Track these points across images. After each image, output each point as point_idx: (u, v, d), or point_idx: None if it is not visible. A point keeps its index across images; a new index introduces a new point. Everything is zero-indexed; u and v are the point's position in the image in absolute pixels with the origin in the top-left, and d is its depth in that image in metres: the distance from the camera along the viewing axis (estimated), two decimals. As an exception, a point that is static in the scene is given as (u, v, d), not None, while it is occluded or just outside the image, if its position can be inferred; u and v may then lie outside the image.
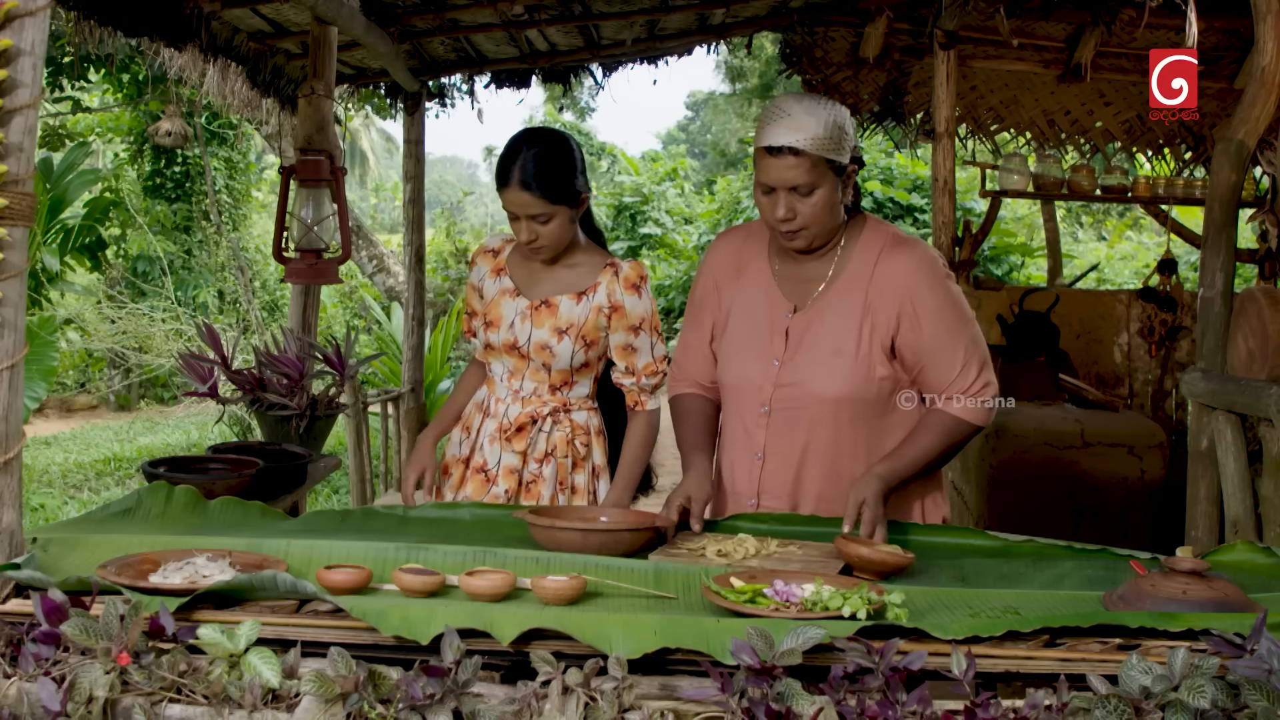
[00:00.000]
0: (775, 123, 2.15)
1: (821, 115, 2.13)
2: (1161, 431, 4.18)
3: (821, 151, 2.13)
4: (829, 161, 2.14)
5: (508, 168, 2.58)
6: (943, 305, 2.24)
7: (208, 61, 4.51)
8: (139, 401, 12.02)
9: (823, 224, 2.20)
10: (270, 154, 14.66)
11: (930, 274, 2.25)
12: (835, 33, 5.58)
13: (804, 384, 2.27)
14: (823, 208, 2.18)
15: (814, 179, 2.14)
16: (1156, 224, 8.12)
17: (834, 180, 2.17)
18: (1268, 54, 2.97)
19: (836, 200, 2.20)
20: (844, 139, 2.16)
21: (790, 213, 2.17)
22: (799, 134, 2.12)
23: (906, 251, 2.26)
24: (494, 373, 2.77)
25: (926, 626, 1.54)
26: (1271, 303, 2.97)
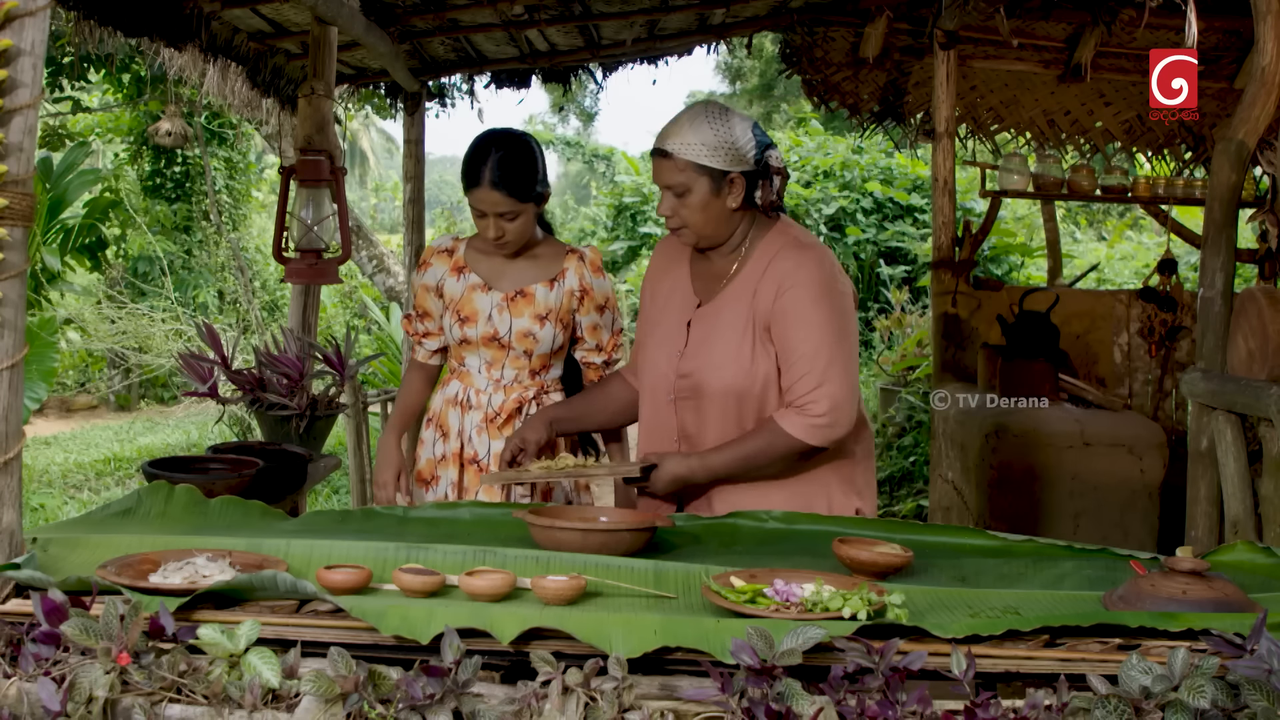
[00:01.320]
0: (665, 129, 2.35)
1: (705, 126, 2.30)
2: (1161, 431, 4.17)
3: (693, 158, 2.29)
4: (703, 167, 2.29)
5: (478, 168, 2.70)
6: (808, 313, 2.31)
7: (208, 61, 4.51)
8: (139, 401, 12.01)
9: (698, 225, 2.36)
10: (270, 154, 14.65)
11: (810, 280, 2.32)
12: (835, 33, 5.58)
13: (697, 374, 2.40)
14: (697, 209, 2.33)
15: (686, 182, 2.31)
16: (1156, 224, 8.12)
17: (710, 185, 2.31)
18: (1268, 54, 2.97)
19: (715, 204, 2.33)
20: (730, 149, 2.30)
21: (669, 211, 2.36)
22: (674, 140, 2.31)
23: (798, 255, 2.36)
24: (469, 366, 2.88)
25: (926, 626, 1.54)
26: (1271, 303, 2.97)
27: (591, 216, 18.18)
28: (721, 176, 2.31)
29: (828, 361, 2.29)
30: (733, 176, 2.31)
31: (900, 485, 6.90)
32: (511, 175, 2.68)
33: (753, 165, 2.33)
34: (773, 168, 2.36)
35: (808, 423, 2.29)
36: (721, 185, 2.32)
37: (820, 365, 2.29)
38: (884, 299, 11.98)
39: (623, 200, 16.74)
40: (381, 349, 9.53)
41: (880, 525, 2.30)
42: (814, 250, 2.38)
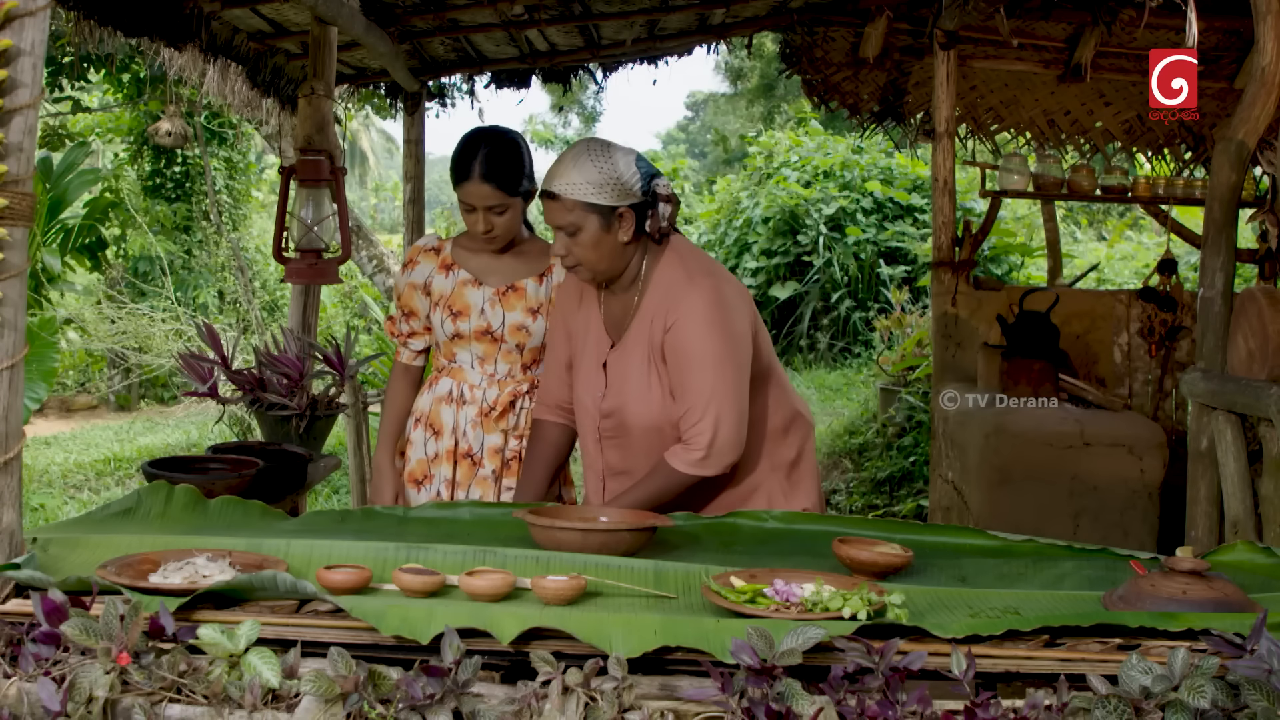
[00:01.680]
0: (550, 171, 2.38)
1: (589, 165, 2.33)
2: (1161, 432, 4.17)
3: (580, 196, 2.32)
4: (591, 205, 2.32)
5: (467, 163, 2.73)
6: (692, 347, 2.33)
7: (208, 61, 4.51)
8: (139, 401, 12.01)
9: (593, 261, 2.38)
10: (270, 154, 14.65)
11: (694, 313, 2.34)
12: (835, 33, 5.58)
13: (618, 414, 2.45)
14: (590, 247, 2.36)
15: (576, 221, 2.34)
16: (1156, 224, 8.11)
17: (599, 222, 2.34)
18: (1268, 54, 2.97)
19: (607, 240, 2.36)
20: (615, 184, 2.33)
21: (563, 250, 2.38)
22: (559, 181, 2.34)
23: (686, 288, 2.37)
24: (460, 362, 2.91)
25: (926, 626, 1.54)
26: (1271, 303, 2.97)
27: (591, 216, 18.16)
28: (610, 212, 2.33)
29: (710, 394, 2.31)
30: (621, 211, 2.34)
31: (900, 485, 6.91)
32: (500, 169, 2.73)
33: (640, 197, 2.36)
34: (660, 196, 2.39)
35: (693, 457, 2.33)
36: (611, 220, 2.34)
37: (703, 399, 2.31)
38: (884, 299, 11.98)
39: (623, 200, 16.74)
40: (381, 349, 9.53)
41: (880, 525, 2.30)
42: (702, 280, 2.39)
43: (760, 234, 13.35)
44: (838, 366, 12.20)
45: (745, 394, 2.37)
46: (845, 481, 7.35)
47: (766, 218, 13.32)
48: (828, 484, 7.40)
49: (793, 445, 2.56)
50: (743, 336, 2.38)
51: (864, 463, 7.53)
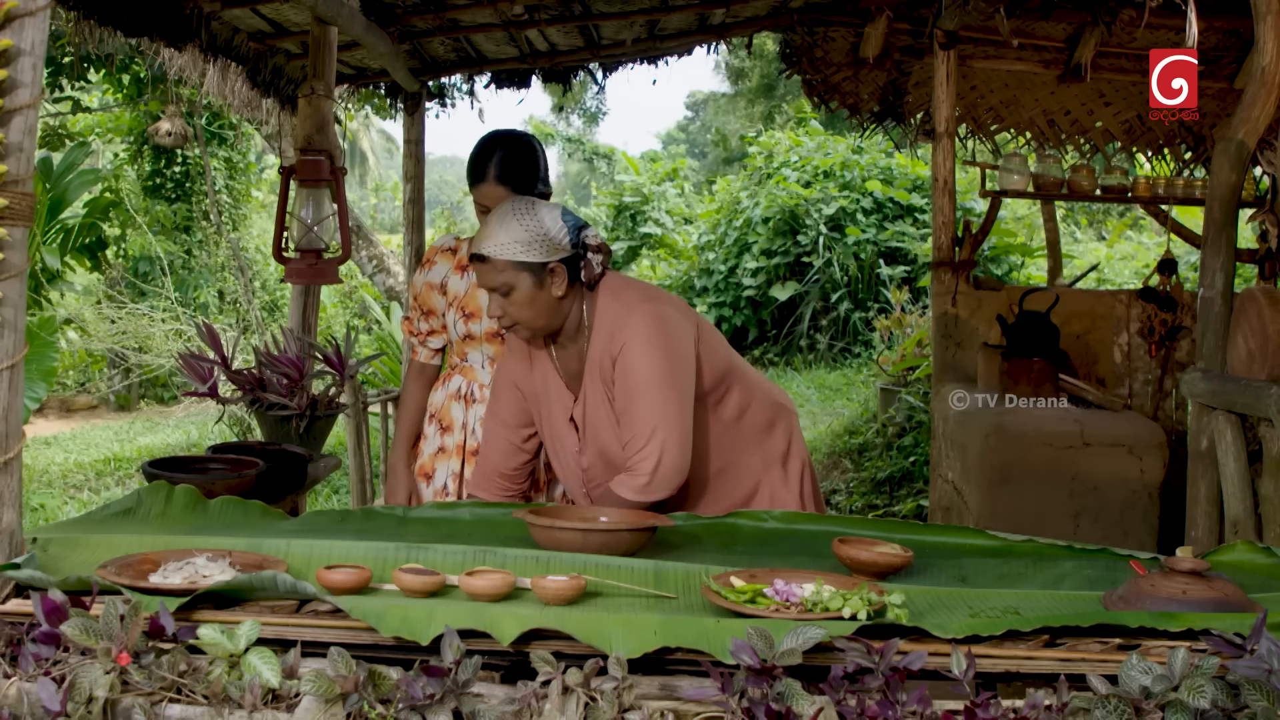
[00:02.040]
0: (478, 235, 2.39)
1: (515, 224, 2.33)
2: (1161, 431, 4.17)
3: (510, 256, 2.32)
4: (521, 264, 2.32)
5: (484, 165, 2.77)
6: (634, 374, 2.34)
7: (208, 61, 4.51)
8: (139, 401, 12.01)
9: (530, 319, 2.38)
10: (270, 154, 14.65)
11: (640, 338, 2.35)
12: (835, 33, 5.58)
13: (600, 461, 2.46)
14: (524, 305, 2.36)
15: (508, 280, 2.34)
16: (1156, 224, 8.11)
17: (531, 279, 2.34)
18: (1268, 54, 2.97)
19: (541, 296, 2.36)
20: (543, 241, 2.33)
21: (499, 311, 2.38)
22: (488, 244, 2.33)
23: (628, 317, 2.39)
24: (471, 362, 2.96)
25: (926, 626, 1.54)
26: (1271, 303, 2.97)
27: (591, 217, 18.18)
28: (541, 268, 2.34)
29: (655, 420, 2.32)
30: (552, 266, 2.35)
31: (900, 485, 6.91)
32: (515, 171, 2.75)
33: (570, 250, 2.37)
34: (590, 246, 2.40)
35: (637, 484, 2.33)
36: (543, 276, 2.35)
37: (648, 425, 2.32)
38: (884, 299, 11.99)
39: (623, 200, 16.75)
40: (382, 349, 9.54)
41: (880, 525, 2.30)
42: (641, 306, 2.40)
43: (760, 234, 13.35)
44: (838, 366, 12.20)
45: (689, 416, 2.38)
46: (845, 481, 7.35)
47: (766, 218, 13.33)
48: (827, 484, 7.40)
49: (781, 437, 2.58)
50: (685, 357, 2.39)
51: (864, 463, 7.53)
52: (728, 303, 13.51)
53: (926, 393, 7.00)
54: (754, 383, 2.60)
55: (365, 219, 17.38)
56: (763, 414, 2.56)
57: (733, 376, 2.53)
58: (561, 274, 2.36)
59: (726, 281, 13.60)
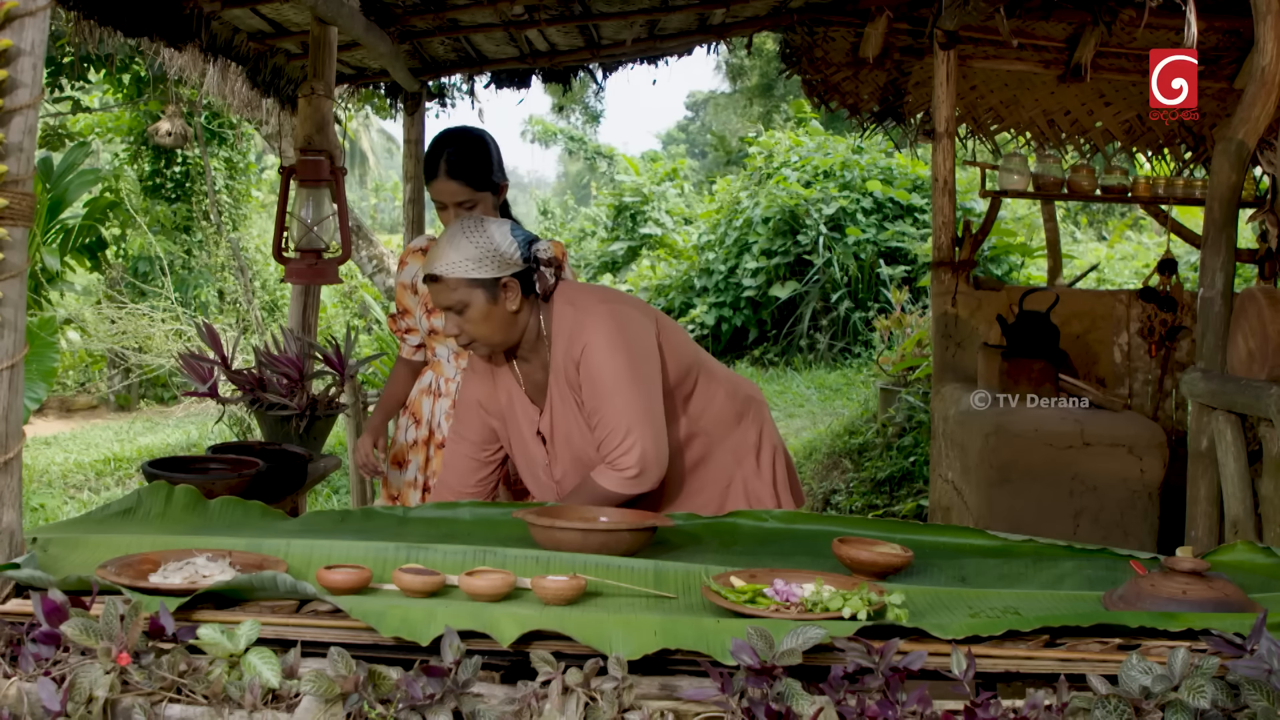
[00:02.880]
0: (429, 256, 2.39)
1: (464, 242, 2.34)
2: (1161, 432, 4.17)
3: (461, 274, 2.33)
4: (473, 280, 2.33)
5: (435, 162, 2.87)
6: (602, 371, 2.34)
7: (208, 61, 4.51)
8: (139, 401, 12.01)
9: (487, 335, 2.38)
10: (270, 154, 14.65)
11: (596, 339, 2.36)
12: (835, 33, 5.58)
13: (572, 470, 2.45)
14: (480, 321, 2.36)
15: (462, 298, 2.34)
16: (1156, 224, 8.11)
17: (484, 295, 2.34)
18: (1268, 54, 2.97)
19: (495, 313, 2.36)
20: (494, 257, 2.34)
21: (455, 329, 2.39)
22: (440, 263, 2.34)
23: (585, 320, 2.39)
24: (439, 356, 3.06)
25: (926, 627, 1.54)
26: (1271, 303, 2.97)
27: (591, 216, 18.18)
28: (494, 284, 2.34)
29: (629, 414, 2.32)
30: (505, 281, 2.35)
31: (900, 485, 6.90)
32: (465, 165, 2.85)
33: (522, 264, 2.38)
34: (541, 260, 2.41)
35: (620, 477, 2.33)
36: (496, 292, 2.35)
37: (624, 421, 2.32)
38: (884, 299, 11.98)
39: (623, 200, 16.75)
40: (382, 349, 9.53)
41: (880, 525, 2.30)
42: (597, 308, 2.40)
43: (760, 234, 13.35)
44: (838, 366, 12.20)
45: (661, 411, 2.38)
46: (845, 481, 7.35)
47: (766, 218, 13.33)
48: (827, 484, 7.40)
49: (751, 428, 2.59)
50: (648, 353, 2.40)
51: (864, 463, 7.53)
52: (728, 303, 13.51)
53: (926, 393, 7.00)
54: (720, 376, 2.60)
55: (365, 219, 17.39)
56: (731, 406, 2.56)
57: (698, 370, 2.54)
58: (515, 288, 2.36)
59: (726, 281, 13.60)
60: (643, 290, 15.11)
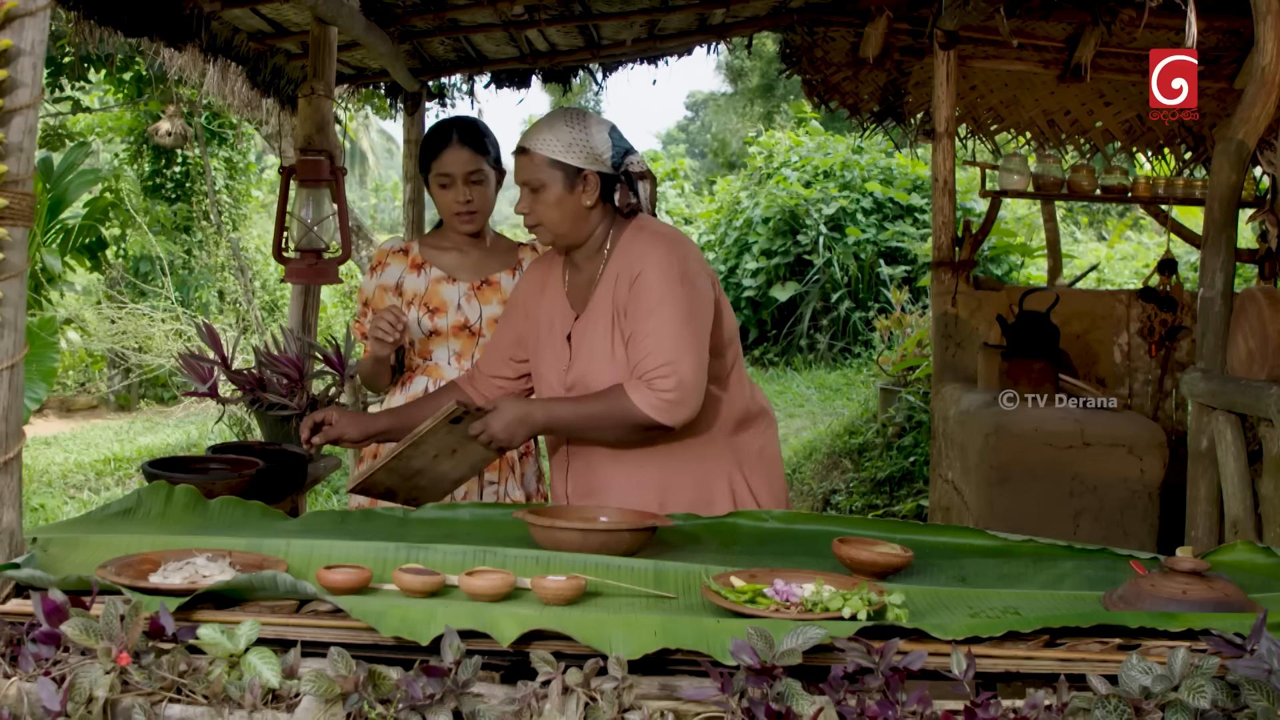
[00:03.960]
0: (526, 130, 2.43)
1: (562, 126, 2.37)
2: (1161, 432, 4.17)
3: (547, 153, 2.35)
4: (557, 163, 2.35)
5: (444, 133, 2.88)
6: (655, 295, 2.32)
7: (208, 61, 4.51)
8: (139, 401, 12.01)
9: (553, 222, 2.39)
10: (270, 154, 14.65)
11: (658, 265, 2.33)
12: (835, 33, 5.58)
13: (581, 384, 2.42)
14: (551, 205, 2.37)
15: (541, 178, 2.36)
16: (1156, 224, 8.11)
17: (564, 181, 2.36)
18: (1268, 54, 2.97)
19: (569, 201, 2.37)
20: (584, 149, 2.36)
21: (526, 208, 2.40)
22: (532, 139, 2.38)
23: (649, 242, 2.38)
24: (437, 359, 2.96)
25: (926, 627, 1.54)
26: (1271, 303, 2.97)
27: (591, 216, 18.15)
28: (576, 173, 2.36)
29: (675, 342, 2.28)
30: (586, 174, 2.36)
31: (900, 485, 6.91)
32: (474, 135, 2.88)
33: (610, 168, 2.39)
34: (634, 173, 2.42)
35: (655, 398, 2.26)
36: (576, 181, 2.36)
37: (667, 345, 2.27)
38: (884, 299, 11.99)
39: (623, 200, 16.74)
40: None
41: (880, 525, 2.30)
42: (666, 238, 2.40)
43: (760, 234, 13.35)
44: (838, 366, 12.20)
45: (706, 353, 2.34)
46: (845, 481, 7.35)
47: (766, 218, 13.33)
48: (827, 484, 7.40)
49: (756, 437, 2.53)
50: (705, 295, 2.37)
51: (864, 463, 7.53)
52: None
53: (926, 393, 7.00)
54: (747, 379, 2.58)
55: (365, 219, 17.39)
56: (744, 408, 2.52)
57: (736, 359, 2.50)
58: (594, 185, 2.37)
59: (726, 281, 13.59)
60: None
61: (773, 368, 12.73)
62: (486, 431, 2.32)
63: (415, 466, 2.38)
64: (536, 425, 2.37)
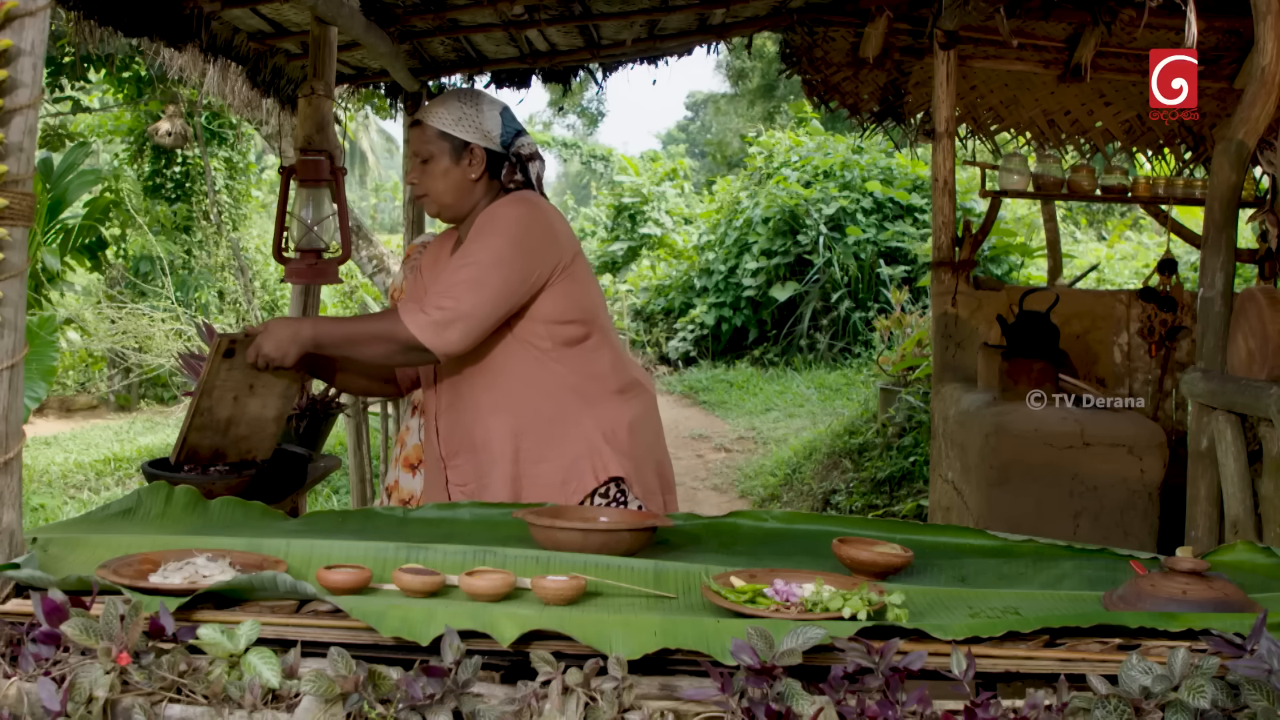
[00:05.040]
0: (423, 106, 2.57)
1: (455, 102, 2.49)
2: (1161, 431, 4.17)
3: (439, 125, 2.46)
4: (446, 135, 2.46)
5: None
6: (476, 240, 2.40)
7: (208, 61, 4.51)
8: (139, 401, 12.01)
9: (438, 191, 2.49)
10: (270, 154, 14.66)
11: (499, 219, 2.41)
12: (835, 33, 5.58)
13: None
14: (439, 176, 2.48)
15: (430, 149, 2.47)
16: (1156, 224, 8.12)
17: (451, 153, 2.47)
18: (1268, 54, 2.97)
19: (454, 173, 2.47)
20: (473, 124, 2.47)
21: (416, 177, 2.51)
22: (426, 112, 2.50)
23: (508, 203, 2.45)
24: None
25: (926, 627, 1.54)
26: (1271, 303, 2.97)
27: (591, 217, 18.18)
28: (463, 146, 2.46)
29: (470, 279, 2.34)
30: (473, 147, 2.46)
31: (900, 485, 6.91)
32: None
33: (499, 146, 2.49)
34: (524, 155, 2.52)
35: (423, 318, 2.30)
36: (462, 154, 2.46)
37: (462, 279, 2.34)
38: (884, 299, 11.99)
39: (622, 200, 16.76)
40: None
41: (880, 525, 2.30)
42: (527, 203, 2.46)
43: (760, 234, 13.35)
44: (838, 366, 12.20)
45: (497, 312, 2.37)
46: (845, 481, 7.35)
47: (766, 218, 13.33)
48: (827, 484, 7.40)
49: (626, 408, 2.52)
50: (527, 263, 2.38)
51: (864, 463, 7.53)
52: (728, 303, 13.51)
53: (926, 393, 7.00)
54: (616, 347, 2.58)
55: (365, 219, 17.39)
56: (614, 377, 2.53)
57: (595, 326, 2.52)
58: (480, 159, 2.47)
59: (726, 281, 13.60)
60: (643, 290, 15.12)
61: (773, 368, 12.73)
62: (260, 353, 2.33)
63: (222, 416, 2.39)
64: (305, 341, 2.35)
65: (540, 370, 2.45)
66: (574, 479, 2.45)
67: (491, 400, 2.46)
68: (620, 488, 2.47)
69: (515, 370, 2.45)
